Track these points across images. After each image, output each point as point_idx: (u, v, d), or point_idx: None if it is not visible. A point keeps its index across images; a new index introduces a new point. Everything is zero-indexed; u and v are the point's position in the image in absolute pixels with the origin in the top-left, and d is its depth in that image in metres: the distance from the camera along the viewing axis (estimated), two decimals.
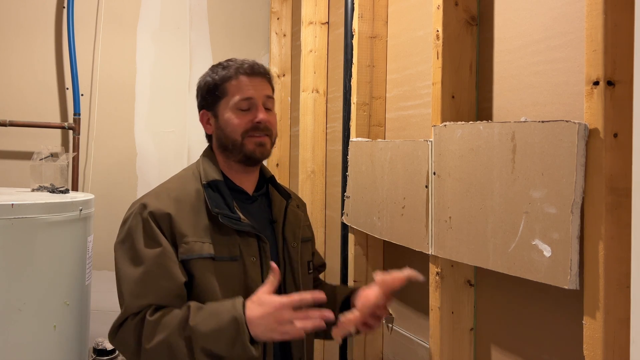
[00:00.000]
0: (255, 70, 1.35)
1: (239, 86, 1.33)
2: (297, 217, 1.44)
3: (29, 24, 2.50)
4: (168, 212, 1.26)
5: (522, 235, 0.97)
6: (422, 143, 1.28)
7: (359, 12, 1.67)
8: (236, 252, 1.28)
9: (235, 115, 1.33)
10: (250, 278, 1.28)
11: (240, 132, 1.32)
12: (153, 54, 2.66)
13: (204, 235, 1.27)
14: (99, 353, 2.28)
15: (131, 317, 1.21)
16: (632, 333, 0.72)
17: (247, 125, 1.32)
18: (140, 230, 1.26)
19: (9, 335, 1.53)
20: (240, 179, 1.38)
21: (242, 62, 1.36)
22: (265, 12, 2.80)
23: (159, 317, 1.18)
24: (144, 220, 1.26)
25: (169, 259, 1.23)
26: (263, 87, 1.35)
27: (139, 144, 2.64)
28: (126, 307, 1.22)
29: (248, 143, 1.32)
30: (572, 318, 0.98)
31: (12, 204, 1.53)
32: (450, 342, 1.23)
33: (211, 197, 1.29)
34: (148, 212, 1.26)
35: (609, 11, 0.84)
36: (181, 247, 1.25)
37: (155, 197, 1.30)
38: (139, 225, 1.26)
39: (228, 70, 1.35)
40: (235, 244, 1.28)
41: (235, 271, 1.28)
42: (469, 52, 1.24)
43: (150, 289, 1.21)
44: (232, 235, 1.29)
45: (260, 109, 1.33)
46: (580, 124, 0.87)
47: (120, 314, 1.22)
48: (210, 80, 1.37)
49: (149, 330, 1.17)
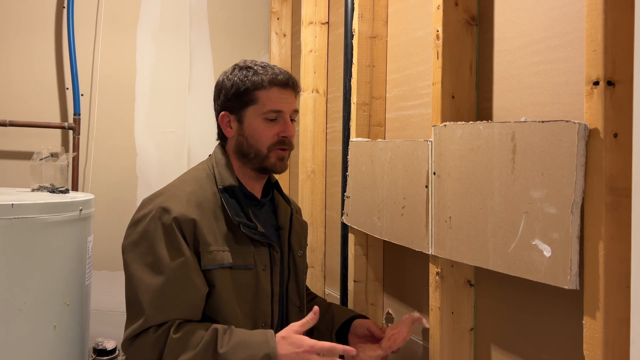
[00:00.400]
0: (289, 83, 1.32)
1: (270, 97, 1.29)
2: (302, 226, 1.44)
3: (28, 24, 2.51)
4: (193, 217, 1.22)
5: (522, 235, 0.97)
6: (422, 143, 1.28)
7: (359, 12, 1.67)
8: (250, 260, 1.27)
9: (263, 126, 1.30)
10: (261, 287, 1.28)
11: (267, 145, 1.30)
12: (153, 54, 2.66)
13: (224, 243, 1.25)
14: (99, 353, 2.28)
15: (153, 329, 1.16)
16: (632, 333, 0.72)
17: (274, 138, 1.30)
18: (160, 235, 1.20)
19: (9, 335, 1.53)
20: (252, 184, 1.37)
21: (276, 71, 1.31)
22: (265, 12, 2.80)
23: (182, 335, 1.15)
24: (167, 227, 1.21)
25: (192, 269, 1.20)
26: (292, 101, 1.33)
27: (139, 144, 2.64)
28: (147, 317, 1.16)
29: (272, 156, 1.31)
30: (572, 318, 0.98)
31: (12, 204, 1.53)
32: (450, 342, 1.23)
33: (230, 205, 1.27)
34: (172, 218, 1.21)
35: (609, 11, 0.84)
36: (204, 256, 1.22)
37: (176, 201, 1.24)
38: (158, 230, 1.21)
39: (261, 77, 1.30)
40: (250, 253, 1.27)
41: (248, 280, 1.27)
42: (469, 52, 1.24)
43: (174, 301, 1.18)
44: (247, 243, 1.28)
45: (288, 123, 1.31)
46: (580, 124, 0.87)
47: (139, 323, 1.16)
48: (239, 83, 1.30)
49: (172, 348, 1.14)
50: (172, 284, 1.18)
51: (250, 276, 1.27)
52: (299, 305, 1.39)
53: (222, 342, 1.13)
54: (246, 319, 1.26)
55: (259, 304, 1.28)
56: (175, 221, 1.21)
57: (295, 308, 1.38)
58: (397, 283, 1.63)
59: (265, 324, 1.29)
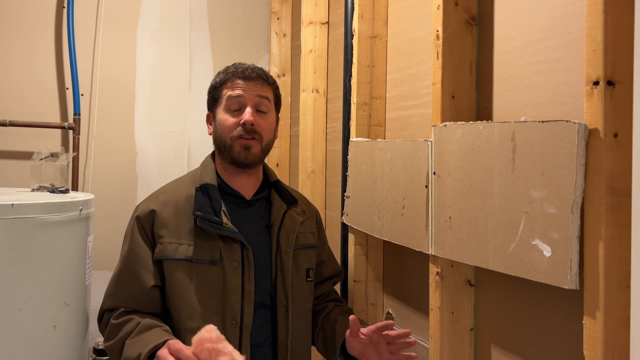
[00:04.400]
0: (250, 73, 1.36)
1: (232, 87, 1.35)
2: (293, 223, 1.40)
3: (28, 23, 2.50)
4: (152, 209, 1.33)
5: (522, 235, 0.97)
6: (422, 143, 1.28)
7: (359, 12, 1.67)
8: (216, 255, 1.28)
9: (226, 117, 1.34)
10: (229, 283, 1.28)
11: (229, 134, 1.33)
12: (153, 54, 2.66)
13: (183, 237, 1.29)
14: (99, 353, 2.28)
15: (106, 313, 1.34)
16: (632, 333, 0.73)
17: (235, 127, 1.32)
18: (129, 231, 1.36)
19: (9, 335, 1.53)
20: (237, 182, 1.38)
21: (243, 66, 1.38)
22: (265, 12, 2.80)
23: (119, 323, 1.27)
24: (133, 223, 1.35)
25: (138, 263, 1.31)
26: (256, 88, 1.35)
27: (139, 144, 2.64)
28: (102, 302, 1.35)
29: (236, 145, 1.32)
30: (572, 318, 0.98)
31: (12, 204, 1.53)
32: (450, 342, 1.23)
33: (198, 201, 1.30)
34: (136, 216, 1.35)
35: (609, 11, 0.84)
36: (157, 247, 1.30)
37: (147, 200, 1.39)
38: (128, 227, 1.37)
39: (226, 74, 1.38)
40: (217, 248, 1.28)
41: (214, 275, 1.28)
42: (469, 52, 1.24)
43: (121, 290, 1.32)
44: (215, 239, 1.29)
45: (248, 110, 1.32)
46: (580, 124, 0.87)
47: (100, 307, 1.36)
48: (213, 83, 1.41)
49: (109, 332, 1.29)
50: (121, 275, 1.33)
51: (216, 271, 1.28)
52: (285, 305, 1.35)
53: (133, 336, 1.22)
54: (214, 316, 1.26)
55: (227, 301, 1.27)
56: (137, 217, 1.35)
57: (282, 306, 1.35)
58: (397, 283, 1.63)
59: (234, 322, 1.27)
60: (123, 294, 1.31)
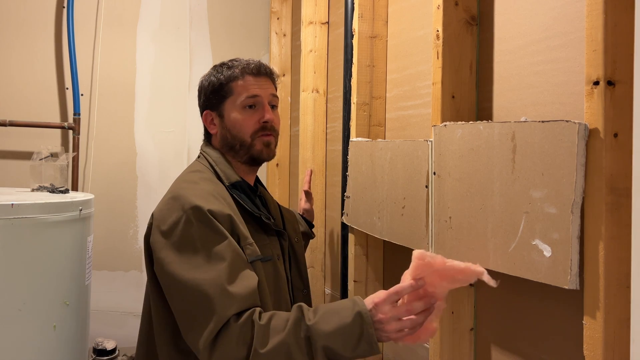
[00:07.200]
0: (262, 70, 1.35)
1: (245, 85, 1.33)
2: (291, 213, 1.48)
3: (29, 23, 2.50)
4: (228, 213, 1.18)
5: (522, 235, 0.97)
6: (422, 143, 1.28)
7: (359, 12, 1.67)
8: (269, 251, 1.28)
9: (242, 115, 1.32)
10: (280, 276, 1.29)
11: (249, 133, 1.32)
12: (153, 54, 2.66)
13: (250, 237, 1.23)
14: (99, 353, 2.28)
15: (233, 319, 1.07)
16: (632, 333, 0.72)
17: (256, 125, 1.32)
18: (203, 230, 1.15)
19: (9, 335, 1.53)
20: (248, 179, 1.39)
21: (248, 62, 1.36)
22: (265, 12, 2.80)
23: (267, 320, 1.07)
24: (206, 220, 1.15)
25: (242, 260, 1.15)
26: (268, 86, 1.36)
27: (139, 144, 2.64)
28: (219, 312, 1.07)
29: (257, 143, 1.32)
30: (572, 318, 0.98)
31: (12, 204, 1.53)
32: (450, 342, 1.23)
33: (244, 199, 1.28)
34: (207, 211, 1.15)
35: (609, 11, 0.84)
36: (246, 249, 1.18)
37: (204, 200, 1.18)
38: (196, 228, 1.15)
39: (234, 70, 1.34)
40: (267, 244, 1.29)
41: (270, 271, 1.27)
42: (469, 52, 1.24)
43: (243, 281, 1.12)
44: (262, 235, 1.29)
45: (267, 108, 1.33)
46: (580, 124, 0.87)
47: (214, 322, 1.06)
48: (215, 80, 1.35)
49: (261, 335, 1.05)
50: (235, 262, 1.13)
51: (271, 267, 1.27)
52: (303, 289, 1.41)
53: (308, 315, 1.06)
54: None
55: (280, 293, 1.28)
56: (211, 213, 1.16)
57: (300, 292, 1.41)
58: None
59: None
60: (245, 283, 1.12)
